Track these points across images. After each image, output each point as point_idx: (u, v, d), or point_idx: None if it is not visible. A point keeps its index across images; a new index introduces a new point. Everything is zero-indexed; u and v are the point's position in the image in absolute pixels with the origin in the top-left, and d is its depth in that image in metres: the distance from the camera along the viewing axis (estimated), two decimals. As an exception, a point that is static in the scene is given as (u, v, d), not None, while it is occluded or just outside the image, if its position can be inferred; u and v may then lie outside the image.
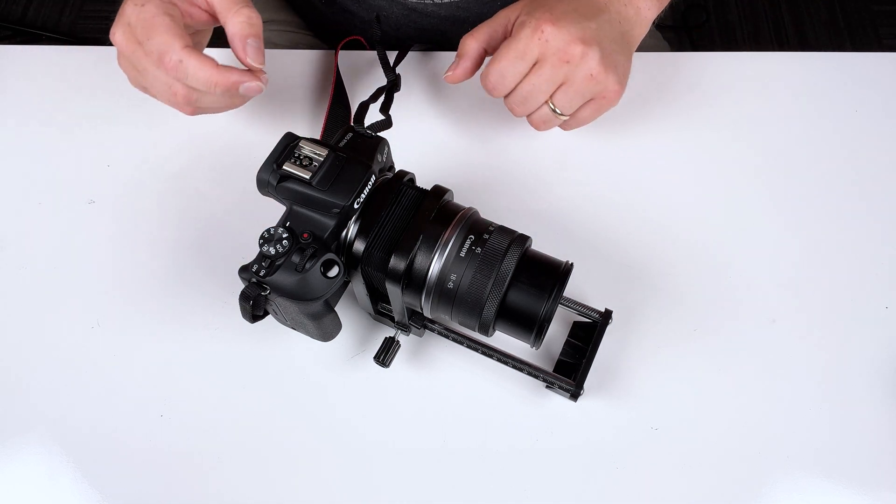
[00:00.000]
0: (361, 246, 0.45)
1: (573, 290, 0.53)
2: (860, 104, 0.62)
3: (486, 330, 0.45)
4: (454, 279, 0.44)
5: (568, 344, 0.51)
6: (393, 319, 0.50)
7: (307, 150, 0.44)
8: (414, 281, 0.45)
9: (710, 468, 0.49)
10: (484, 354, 0.50)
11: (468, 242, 0.44)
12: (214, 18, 0.51)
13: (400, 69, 0.63)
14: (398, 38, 0.71)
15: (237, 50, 0.49)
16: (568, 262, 0.46)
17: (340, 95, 0.62)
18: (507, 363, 0.50)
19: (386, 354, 0.49)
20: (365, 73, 0.65)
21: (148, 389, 0.52)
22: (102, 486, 0.49)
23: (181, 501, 0.49)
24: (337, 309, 0.47)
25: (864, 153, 0.60)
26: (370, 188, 0.45)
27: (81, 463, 0.50)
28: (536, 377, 0.49)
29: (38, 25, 1.57)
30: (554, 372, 0.50)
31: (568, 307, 0.51)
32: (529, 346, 0.46)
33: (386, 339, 0.50)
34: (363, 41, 0.67)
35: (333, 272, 0.42)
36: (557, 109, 0.54)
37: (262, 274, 0.42)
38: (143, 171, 0.60)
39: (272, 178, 0.44)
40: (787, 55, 0.66)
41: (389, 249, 0.44)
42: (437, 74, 0.65)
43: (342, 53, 0.65)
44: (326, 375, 0.52)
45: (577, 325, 0.52)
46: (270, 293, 0.43)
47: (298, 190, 0.43)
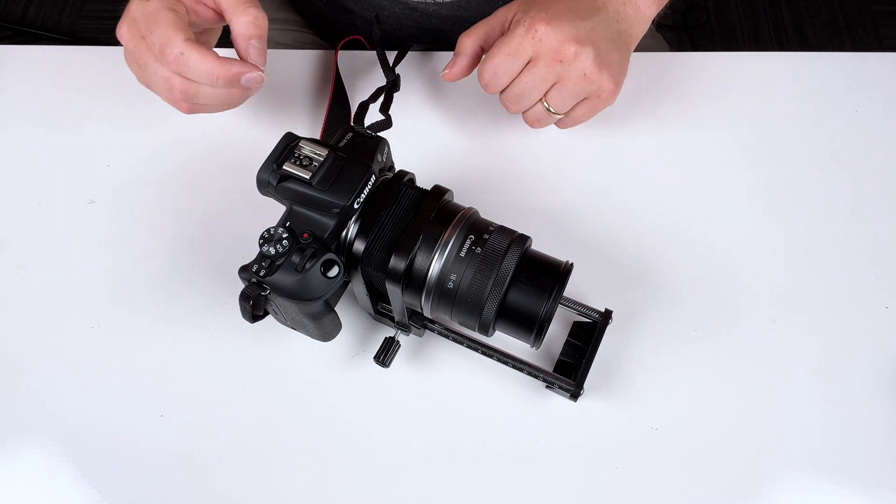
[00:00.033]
0: (361, 246, 0.45)
1: (573, 290, 0.53)
2: (860, 104, 0.62)
3: (486, 330, 0.45)
4: (454, 279, 0.44)
5: (568, 344, 0.51)
6: (393, 319, 0.50)
7: (307, 150, 0.44)
8: (414, 281, 0.45)
9: (710, 468, 0.49)
10: (484, 354, 0.50)
11: (468, 242, 0.44)
12: (222, 17, 0.51)
13: (400, 69, 0.63)
14: (399, 37, 0.71)
15: (240, 49, 0.50)
16: (568, 262, 0.46)
17: (340, 95, 0.62)
18: (507, 363, 0.50)
19: (386, 354, 0.49)
20: (365, 73, 0.65)
21: (148, 389, 0.52)
22: (102, 486, 0.49)
23: (181, 501, 0.49)
24: (337, 309, 0.47)
25: (864, 153, 0.60)
26: (370, 188, 0.45)
27: (81, 463, 0.50)
28: (536, 377, 0.49)
29: (38, 25, 1.57)
30: (554, 372, 0.50)
31: (568, 307, 0.51)
32: (529, 346, 0.46)
33: (386, 339, 0.50)
34: (363, 41, 0.67)
35: (333, 272, 0.42)
36: (551, 108, 0.54)
37: (262, 274, 0.42)
38: (143, 171, 0.60)
39: (272, 178, 0.44)
40: (787, 55, 0.66)
41: (389, 249, 0.44)
42: (436, 74, 0.65)
43: (342, 53, 0.65)
44: (326, 375, 0.52)
45: (577, 325, 0.52)
46: (270, 293, 0.43)
47: (298, 190, 0.43)
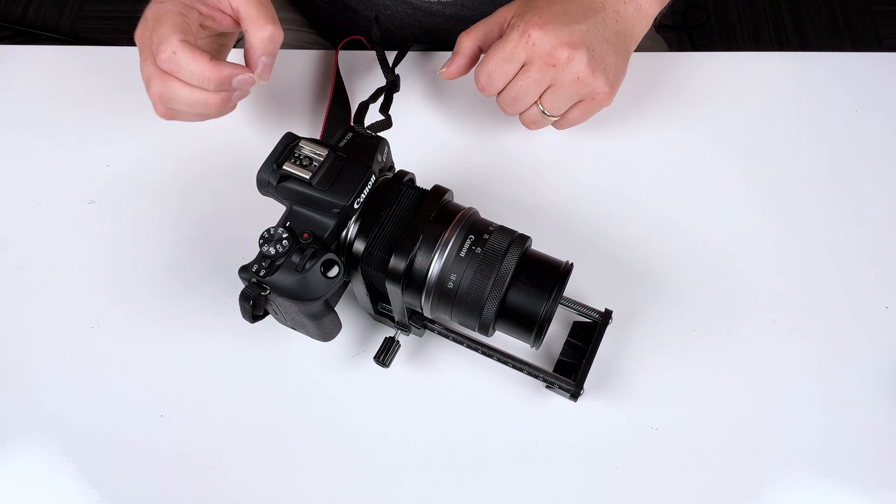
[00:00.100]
0: (361, 246, 0.45)
1: (573, 290, 0.53)
2: (860, 104, 0.62)
3: (486, 330, 0.45)
4: (454, 279, 0.44)
5: (568, 344, 0.51)
6: (393, 319, 0.50)
7: (307, 150, 0.44)
8: (414, 281, 0.45)
9: (710, 468, 0.49)
10: (484, 354, 0.50)
11: (468, 242, 0.44)
12: (239, 24, 0.51)
13: (400, 69, 0.63)
14: (401, 37, 0.71)
15: (249, 61, 0.50)
16: (568, 262, 0.46)
17: (340, 95, 0.62)
18: (507, 363, 0.49)
19: (386, 354, 0.49)
20: (365, 73, 0.65)
21: (148, 389, 0.52)
22: (102, 486, 0.49)
23: (181, 501, 0.49)
24: (337, 309, 0.47)
25: (864, 153, 0.60)
26: (370, 188, 0.45)
27: (81, 463, 0.50)
28: (536, 377, 0.49)
29: (38, 25, 1.57)
30: (554, 372, 0.50)
31: (568, 307, 0.51)
32: (529, 346, 0.46)
33: (386, 339, 0.50)
34: (364, 41, 0.67)
35: (333, 272, 0.42)
36: (546, 111, 0.54)
37: (262, 274, 0.42)
38: (143, 171, 0.60)
39: (272, 178, 0.44)
40: (787, 55, 0.66)
41: (389, 249, 0.44)
42: (436, 74, 0.65)
43: (342, 53, 0.65)
44: (326, 375, 0.52)
45: (577, 325, 0.52)
46: (270, 293, 0.43)
47: (298, 190, 0.43)
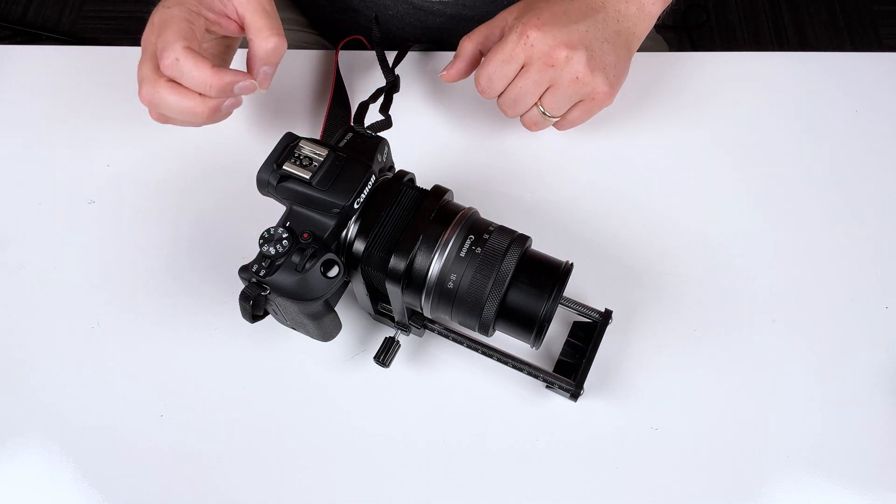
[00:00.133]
0: (361, 246, 0.45)
1: (573, 290, 0.53)
2: (860, 104, 0.62)
3: (486, 330, 0.45)
4: (454, 279, 0.44)
5: (568, 344, 0.51)
6: (393, 319, 0.50)
7: (307, 150, 0.44)
8: (414, 281, 0.45)
9: (710, 468, 0.49)
10: (484, 354, 0.50)
11: (468, 242, 0.44)
12: (244, 30, 0.52)
13: (400, 69, 0.63)
14: (402, 37, 0.71)
15: (251, 68, 0.51)
16: (568, 262, 0.46)
17: (340, 95, 0.62)
18: (507, 363, 0.49)
19: (386, 354, 0.49)
20: (365, 73, 0.65)
21: (148, 389, 0.52)
22: (102, 486, 0.49)
23: (181, 501, 0.49)
24: (337, 309, 0.47)
25: (864, 153, 0.60)
26: (370, 188, 0.45)
27: (81, 463, 0.50)
28: (536, 377, 0.49)
29: (38, 25, 1.57)
30: (554, 372, 0.50)
31: (568, 307, 0.51)
32: (529, 346, 0.46)
33: (386, 339, 0.50)
34: (364, 41, 0.67)
35: (333, 272, 0.42)
36: (546, 111, 0.54)
37: (262, 274, 0.42)
38: (143, 171, 0.60)
39: (272, 178, 0.44)
40: (787, 55, 0.66)
41: (389, 249, 0.44)
42: (437, 74, 0.65)
43: (342, 53, 0.65)
44: (326, 375, 0.52)
45: (577, 325, 0.52)
46: (270, 293, 0.43)
47: (298, 190, 0.43)
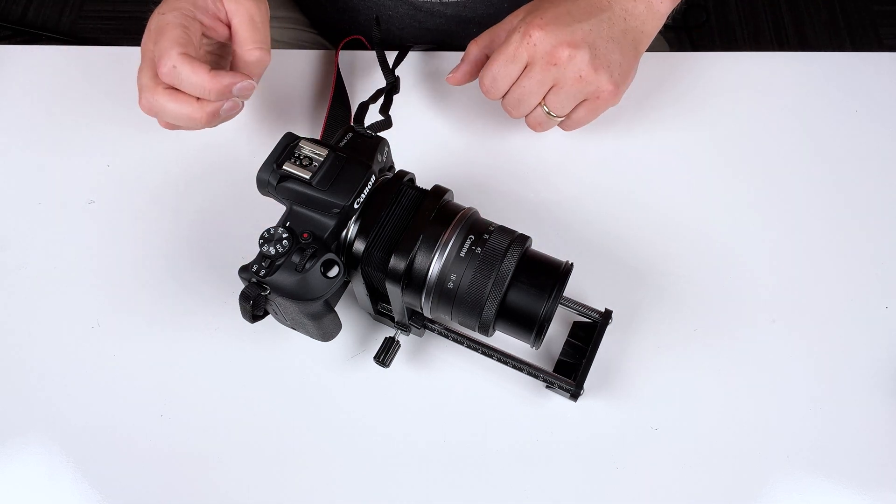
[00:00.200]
0: (361, 246, 0.45)
1: (573, 290, 0.53)
2: (860, 104, 0.62)
3: (486, 330, 0.45)
4: (454, 279, 0.44)
5: (568, 344, 0.51)
6: (393, 319, 0.50)
7: (307, 150, 0.44)
8: (414, 281, 0.45)
9: (710, 468, 0.49)
10: (484, 354, 0.50)
11: (468, 242, 0.44)
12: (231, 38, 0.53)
13: (400, 70, 0.63)
14: (402, 37, 0.71)
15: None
16: (568, 262, 0.46)
17: (340, 95, 0.62)
18: (507, 363, 0.49)
19: (386, 354, 0.49)
20: (365, 73, 0.65)
21: (148, 389, 0.52)
22: (102, 486, 0.49)
23: (181, 501, 0.49)
24: (337, 309, 0.47)
25: (864, 153, 0.60)
26: (370, 188, 0.45)
27: (81, 463, 0.50)
28: (536, 377, 0.49)
29: (38, 25, 1.57)
30: (554, 372, 0.50)
31: (568, 307, 0.51)
32: (529, 346, 0.46)
33: (386, 339, 0.50)
34: (364, 41, 0.67)
35: (333, 272, 0.42)
36: (551, 111, 0.54)
37: (262, 274, 0.42)
38: (142, 171, 0.60)
39: (272, 178, 0.44)
40: (787, 55, 0.66)
41: (389, 249, 0.44)
42: (437, 74, 0.65)
43: (343, 53, 0.65)
44: (326, 375, 0.52)
45: (577, 325, 0.52)
46: (270, 293, 0.43)
47: (298, 190, 0.43)
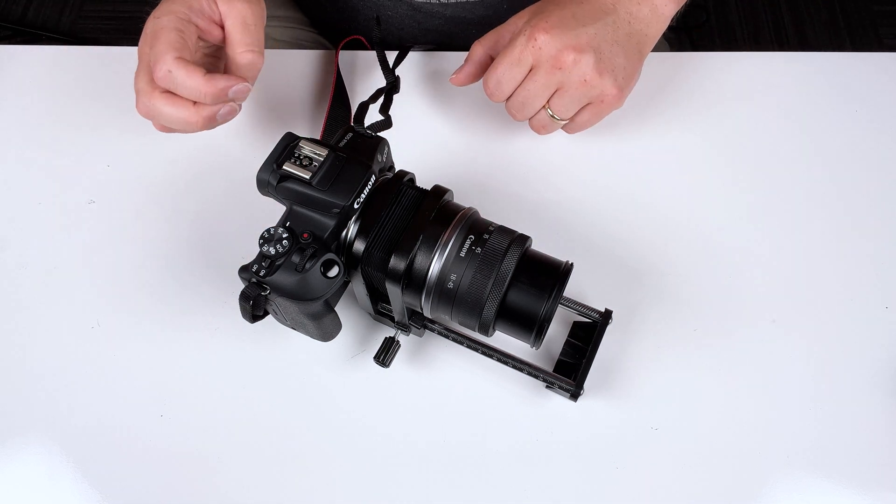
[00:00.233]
0: (361, 246, 0.45)
1: (573, 290, 0.53)
2: (860, 104, 0.62)
3: (486, 330, 0.45)
4: (454, 279, 0.44)
5: (568, 344, 0.51)
6: (393, 319, 0.50)
7: (307, 150, 0.44)
8: (414, 281, 0.45)
9: (710, 468, 0.49)
10: (484, 354, 0.50)
11: (468, 242, 0.44)
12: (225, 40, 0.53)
13: (400, 69, 0.63)
14: (401, 37, 0.71)
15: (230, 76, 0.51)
16: (568, 262, 0.46)
17: (340, 95, 0.62)
18: (507, 363, 0.49)
19: (386, 354, 0.49)
20: (365, 73, 0.65)
21: (148, 389, 0.52)
22: (102, 486, 0.49)
23: (181, 501, 0.49)
24: (337, 309, 0.47)
25: (864, 153, 0.60)
26: (370, 188, 0.45)
27: (81, 463, 0.50)
28: (536, 377, 0.49)
29: (38, 25, 1.57)
30: (554, 372, 0.50)
31: (568, 307, 0.51)
32: (529, 346, 0.46)
33: (386, 339, 0.50)
34: (364, 41, 0.67)
35: (333, 272, 0.42)
36: (555, 115, 0.54)
37: (262, 274, 0.42)
38: (142, 171, 0.60)
39: (272, 178, 0.44)
40: (787, 55, 0.66)
41: (389, 249, 0.44)
42: (437, 74, 0.65)
43: (343, 53, 0.65)
44: (326, 375, 0.52)
45: (577, 325, 0.52)
46: (270, 293, 0.43)
47: (298, 190, 0.43)
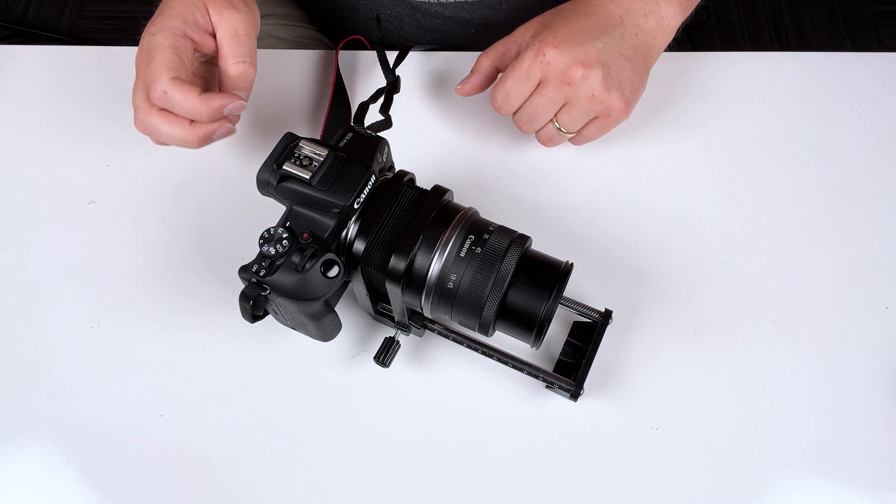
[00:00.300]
0: (361, 246, 0.45)
1: (573, 290, 0.53)
2: (860, 104, 0.62)
3: (486, 330, 0.45)
4: (454, 279, 0.44)
5: (568, 344, 0.51)
6: (393, 319, 0.50)
7: (307, 150, 0.44)
8: (414, 281, 0.45)
9: (709, 468, 0.49)
10: (484, 354, 0.50)
11: (468, 242, 0.44)
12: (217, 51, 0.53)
13: (401, 69, 0.63)
14: (401, 37, 0.71)
15: (223, 90, 0.51)
16: (568, 262, 0.46)
17: (340, 95, 0.62)
18: (507, 363, 0.49)
19: (386, 354, 0.49)
20: (365, 73, 0.65)
21: (148, 389, 0.52)
22: (102, 486, 0.49)
23: (181, 501, 0.49)
24: (337, 309, 0.47)
25: (864, 153, 0.60)
26: (370, 188, 0.45)
27: (81, 463, 0.50)
28: (536, 377, 0.49)
29: (38, 25, 1.57)
30: (554, 372, 0.50)
31: (568, 307, 0.51)
32: (529, 346, 0.46)
33: (386, 339, 0.50)
34: (364, 41, 0.67)
35: (333, 272, 0.42)
36: (562, 128, 0.55)
37: (262, 274, 0.42)
38: (143, 171, 0.60)
39: (272, 178, 0.44)
40: (787, 55, 0.66)
41: (389, 249, 0.44)
42: (437, 74, 0.65)
43: (343, 53, 0.65)
44: (326, 375, 0.52)
45: (577, 325, 0.52)
46: (270, 293, 0.43)
47: (298, 190, 0.43)
